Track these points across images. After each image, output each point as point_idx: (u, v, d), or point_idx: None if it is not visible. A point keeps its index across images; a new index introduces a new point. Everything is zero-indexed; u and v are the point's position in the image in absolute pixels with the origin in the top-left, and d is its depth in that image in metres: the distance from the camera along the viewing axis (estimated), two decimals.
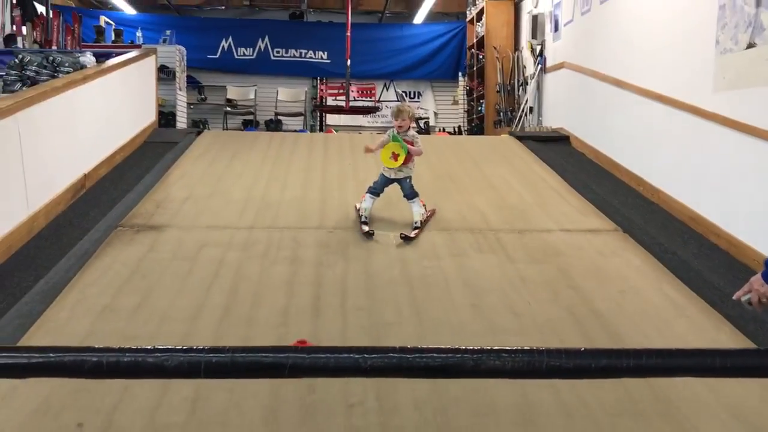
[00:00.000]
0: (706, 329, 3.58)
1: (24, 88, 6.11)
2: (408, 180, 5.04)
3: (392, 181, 5.06)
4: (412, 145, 4.92)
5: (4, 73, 6.75)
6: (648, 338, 3.42)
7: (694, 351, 1.58)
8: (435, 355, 1.44)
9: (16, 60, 6.70)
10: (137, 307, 3.63)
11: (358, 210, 5.11)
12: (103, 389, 2.70)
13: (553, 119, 9.11)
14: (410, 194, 5.04)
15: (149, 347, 1.42)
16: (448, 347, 1.49)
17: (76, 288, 3.82)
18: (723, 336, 3.46)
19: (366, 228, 4.84)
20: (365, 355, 1.43)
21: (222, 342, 3.24)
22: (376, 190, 5.06)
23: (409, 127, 5.04)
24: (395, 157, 4.84)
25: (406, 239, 4.72)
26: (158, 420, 2.62)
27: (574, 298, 3.90)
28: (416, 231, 4.85)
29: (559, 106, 8.97)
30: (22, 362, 1.37)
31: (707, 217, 4.92)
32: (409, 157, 4.89)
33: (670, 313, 3.77)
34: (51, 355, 1.39)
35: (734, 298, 2.07)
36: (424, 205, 5.06)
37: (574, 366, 1.46)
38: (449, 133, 12.93)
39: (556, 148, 7.74)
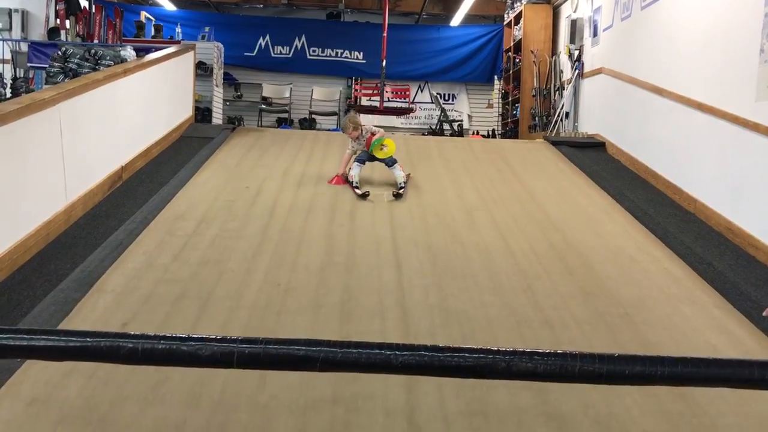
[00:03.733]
0: (742, 340, 3.52)
1: (66, 80, 6.24)
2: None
3: (374, 158, 6.05)
4: (374, 136, 5.95)
5: (47, 65, 6.89)
6: (535, 174, 6.79)
7: (731, 361, 1.55)
8: (467, 355, 1.44)
9: (59, 52, 6.84)
10: (257, 159, 6.91)
11: (348, 177, 6.01)
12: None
13: (589, 125, 9.02)
14: (390, 162, 6.03)
15: (184, 335, 1.44)
16: (481, 347, 1.48)
17: (224, 150, 7.14)
18: (753, 344, 3.40)
19: (359, 191, 5.73)
20: (397, 352, 1.43)
21: (307, 169, 6.59)
22: (362, 159, 6.04)
23: (360, 129, 6.01)
24: (384, 147, 5.92)
25: (397, 196, 5.74)
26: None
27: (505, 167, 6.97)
28: (402, 189, 5.85)
29: (596, 112, 8.88)
30: (61, 345, 1.40)
31: (745, 229, 4.83)
32: (370, 138, 5.96)
33: (688, 310, 3.71)
34: (88, 339, 1.41)
35: (764, 314, 2.07)
36: (401, 168, 6.04)
37: (607, 371, 1.44)
38: (483, 136, 12.88)
39: (591, 155, 7.66)
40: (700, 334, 3.59)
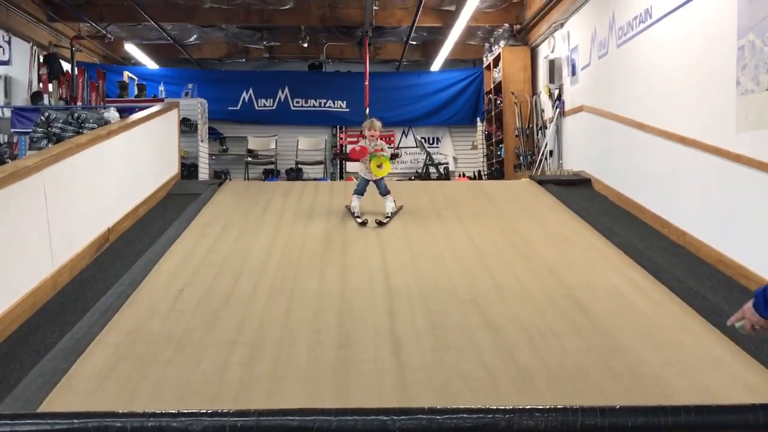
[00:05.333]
0: (744, 376, 3.49)
1: (50, 145, 6.23)
2: (382, 180, 6.56)
3: (369, 182, 6.54)
4: (381, 151, 6.45)
5: (31, 130, 6.90)
6: (520, 211, 7.07)
7: (735, 407, 1.52)
8: (465, 415, 1.40)
9: (43, 118, 6.85)
10: (253, 197, 7.49)
11: (350, 208, 6.56)
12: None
13: (573, 162, 9.09)
14: (384, 191, 6.55)
15: (174, 411, 1.40)
16: (480, 407, 1.44)
17: (224, 190, 7.83)
18: (757, 380, 3.36)
19: (359, 219, 6.31)
20: (394, 417, 1.39)
21: (300, 207, 7.00)
22: (360, 191, 6.53)
23: (377, 137, 6.52)
24: (381, 166, 6.41)
25: (380, 224, 6.25)
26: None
27: (483, 195, 7.62)
28: (388, 219, 6.35)
29: (580, 149, 8.96)
30: (46, 429, 1.35)
31: (736, 260, 4.83)
32: (377, 151, 6.44)
33: (699, 353, 3.68)
34: (75, 421, 1.37)
35: (728, 323, 2.17)
36: (394, 201, 6.55)
37: (610, 425, 1.41)
38: (469, 178, 12.95)
39: (577, 192, 7.69)
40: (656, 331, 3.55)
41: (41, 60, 10.27)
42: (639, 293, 4.67)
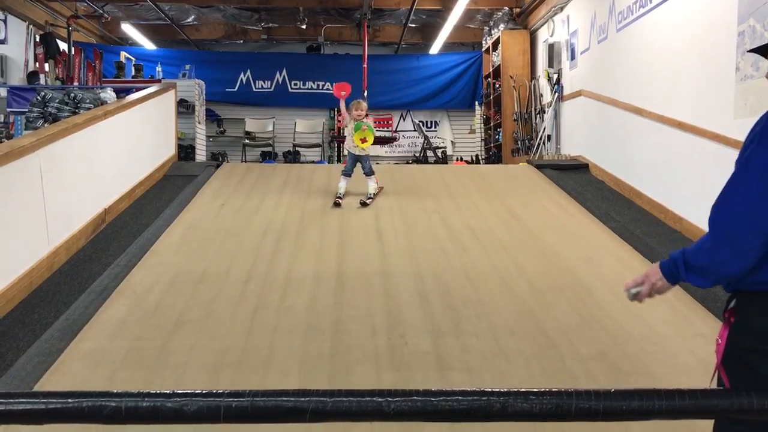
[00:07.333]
0: (630, 263, 4.62)
1: (46, 125, 6.20)
2: (367, 159, 6.70)
3: (357, 158, 6.70)
4: (366, 124, 6.65)
5: (27, 110, 6.86)
6: (518, 196, 7.12)
7: (729, 392, 1.52)
8: (460, 397, 1.40)
9: (39, 97, 6.80)
10: (253, 177, 7.69)
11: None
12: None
13: (571, 147, 9.07)
14: (368, 171, 6.70)
15: (168, 392, 1.40)
16: (474, 389, 1.45)
17: (222, 172, 7.92)
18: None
19: (338, 200, 6.50)
20: (389, 399, 1.39)
21: (299, 184, 7.43)
22: (348, 172, 6.70)
23: (362, 116, 6.71)
24: (364, 140, 6.56)
25: (363, 205, 6.47)
26: None
27: (478, 175, 8.06)
28: (370, 200, 6.55)
29: (578, 134, 8.94)
30: (41, 408, 1.35)
31: None
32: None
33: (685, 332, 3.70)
34: (70, 400, 1.37)
35: (624, 289, 1.94)
36: (377, 182, 6.74)
37: (604, 408, 1.41)
38: (467, 162, 12.92)
39: (575, 176, 7.69)
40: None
41: (37, 39, 10.19)
42: (563, 212, 6.32)
